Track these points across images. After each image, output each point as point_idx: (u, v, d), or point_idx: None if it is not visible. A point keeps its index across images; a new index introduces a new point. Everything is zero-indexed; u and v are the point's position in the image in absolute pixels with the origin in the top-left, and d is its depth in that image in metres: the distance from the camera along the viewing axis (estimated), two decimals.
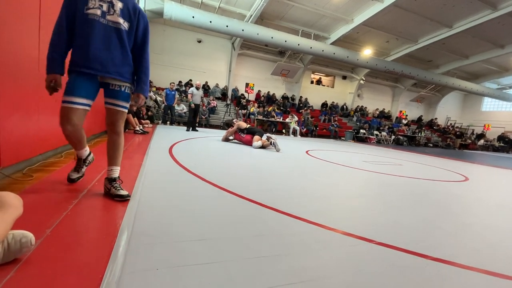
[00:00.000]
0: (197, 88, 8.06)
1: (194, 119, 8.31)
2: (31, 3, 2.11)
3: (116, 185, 1.68)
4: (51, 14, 2.42)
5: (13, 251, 0.92)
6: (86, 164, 1.95)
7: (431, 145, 17.01)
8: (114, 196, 1.65)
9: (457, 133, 18.79)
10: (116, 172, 1.74)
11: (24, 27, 2.00)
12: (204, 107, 11.33)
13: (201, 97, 8.37)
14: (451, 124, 21.66)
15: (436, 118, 20.73)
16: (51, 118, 2.59)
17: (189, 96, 8.10)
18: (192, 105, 8.03)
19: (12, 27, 1.85)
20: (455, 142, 17.37)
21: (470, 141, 18.19)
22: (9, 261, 0.92)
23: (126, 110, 1.77)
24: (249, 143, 5.59)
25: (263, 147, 5.43)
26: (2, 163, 1.82)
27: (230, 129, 6.07)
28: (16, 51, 1.92)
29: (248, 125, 6.09)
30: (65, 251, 1.04)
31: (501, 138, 18.42)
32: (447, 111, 22.23)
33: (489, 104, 22.09)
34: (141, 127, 6.15)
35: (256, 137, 5.53)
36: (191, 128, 8.20)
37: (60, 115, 1.58)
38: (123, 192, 1.65)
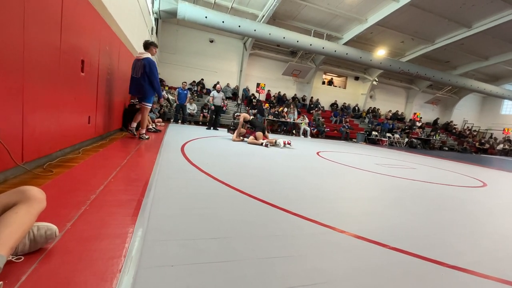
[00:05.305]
0: (218, 91, 8.93)
1: (215, 119, 9.20)
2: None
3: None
4: (71, 16, 2.50)
5: (39, 242, 0.97)
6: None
7: (446, 148, 16.49)
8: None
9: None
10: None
11: (46, 26, 2.08)
12: (225, 108, 11.82)
13: (222, 98, 9.19)
14: (468, 127, 20.93)
15: (452, 121, 20.08)
16: (70, 115, 2.68)
17: (211, 99, 8.96)
18: (212, 107, 8.94)
19: (38, 26, 1.93)
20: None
21: (488, 145, 17.51)
22: (33, 252, 0.97)
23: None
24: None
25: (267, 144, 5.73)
26: (25, 157, 1.90)
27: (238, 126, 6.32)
28: (38, 50, 1.99)
29: (252, 117, 6.41)
30: (84, 245, 1.07)
31: None
32: (464, 114, 21.47)
33: (509, 107, 21.17)
34: (154, 125, 6.26)
35: (259, 133, 5.81)
36: (212, 127, 9.09)
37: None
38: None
